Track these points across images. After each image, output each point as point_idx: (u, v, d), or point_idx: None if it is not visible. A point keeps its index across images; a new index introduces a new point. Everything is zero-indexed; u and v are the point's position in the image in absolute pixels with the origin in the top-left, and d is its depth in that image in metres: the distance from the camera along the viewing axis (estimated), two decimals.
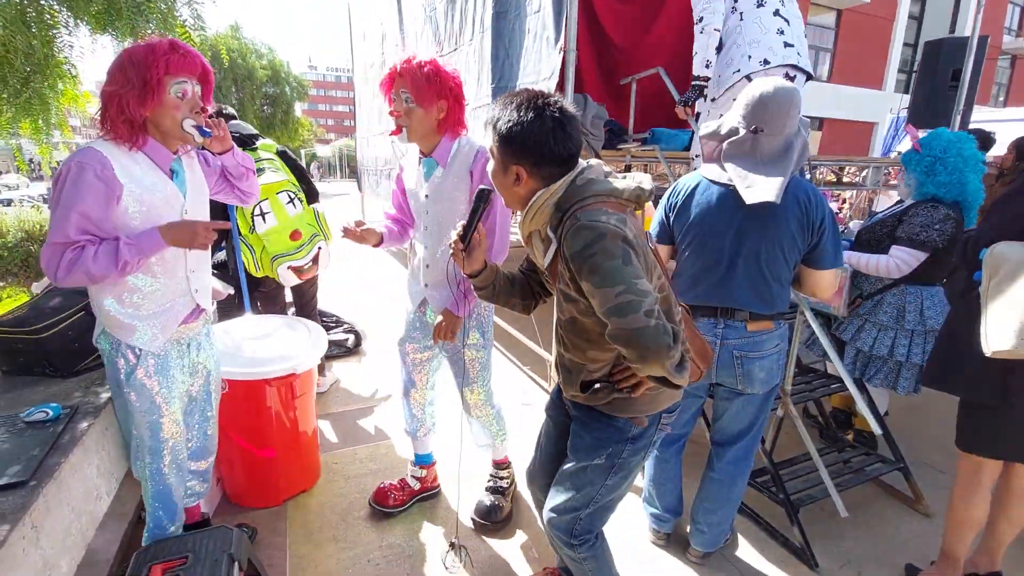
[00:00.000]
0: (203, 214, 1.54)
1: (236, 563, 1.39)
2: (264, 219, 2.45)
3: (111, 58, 1.35)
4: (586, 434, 1.34)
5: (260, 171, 2.52)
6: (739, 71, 2.51)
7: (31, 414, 1.39)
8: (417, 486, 2.20)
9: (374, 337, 4.06)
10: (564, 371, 1.34)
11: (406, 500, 2.16)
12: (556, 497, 1.40)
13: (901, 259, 2.20)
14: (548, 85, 2.71)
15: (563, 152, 1.13)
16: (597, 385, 1.23)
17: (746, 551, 2.00)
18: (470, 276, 1.35)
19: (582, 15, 3.05)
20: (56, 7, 2.34)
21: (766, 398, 1.73)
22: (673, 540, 2.03)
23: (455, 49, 3.84)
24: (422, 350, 2.00)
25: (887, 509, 2.26)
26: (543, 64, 2.80)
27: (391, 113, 1.71)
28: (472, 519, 2.09)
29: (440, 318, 1.80)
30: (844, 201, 9.60)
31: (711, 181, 1.62)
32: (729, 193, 1.58)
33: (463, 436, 2.07)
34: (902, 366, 2.32)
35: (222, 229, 1.64)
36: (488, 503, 2.09)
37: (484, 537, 2.04)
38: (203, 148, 1.51)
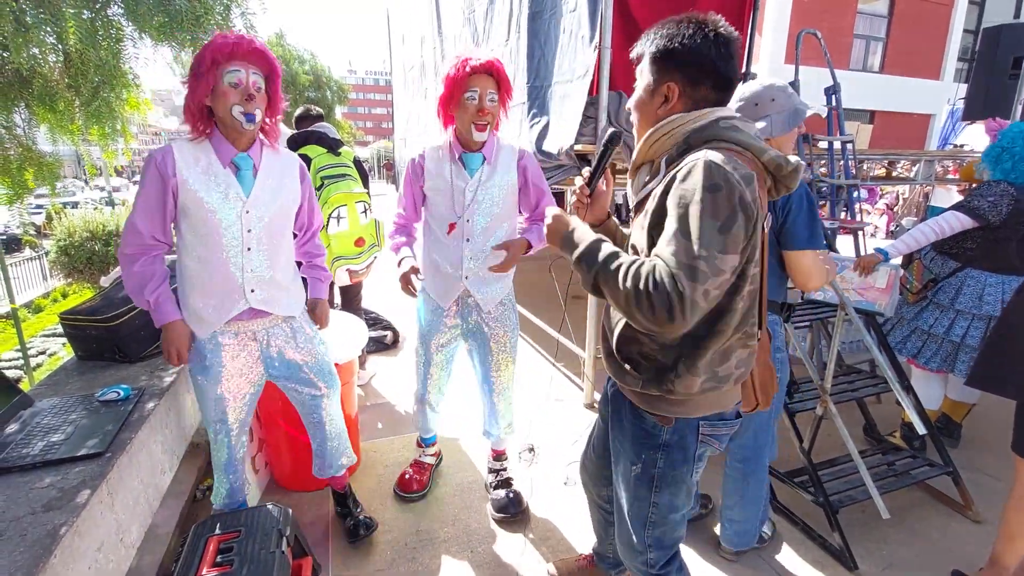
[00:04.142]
0: (275, 219, 1.54)
1: (284, 538, 1.48)
2: (339, 222, 2.63)
3: (167, 67, 1.47)
4: (620, 434, 1.28)
5: (343, 177, 2.69)
6: None
7: (104, 394, 1.52)
8: (433, 461, 2.37)
9: (410, 336, 4.18)
10: (604, 337, 1.27)
11: (427, 481, 2.30)
12: (619, 526, 1.35)
13: (945, 219, 2.26)
14: (583, 83, 2.73)
15: (724, 70, 1.05)
16: (627, 366, 1.17)
17: (782, 551, 1.98)
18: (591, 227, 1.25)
19: (617, 12, 3.05)
20: (123, 21, 2.51)
21: None
22: (708, 537, 2.02)
23: (491, 51, 3.90)
24: (446, 345, 2.05)
25: (933, 514, 2.19)
26: (578, 62, 2.82)
27: (481, 112, 1.69)
28: (492, 517, 2.13)
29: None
30: (897, 197, 9.16)
31: None
32: None
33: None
34: (959, 348, 2.34)
35: None
36: (504, 498, 2.14)
37: (501, 529, 2.09)
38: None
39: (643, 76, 1.12)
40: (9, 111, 2.44)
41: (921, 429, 2.00)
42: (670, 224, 0.96)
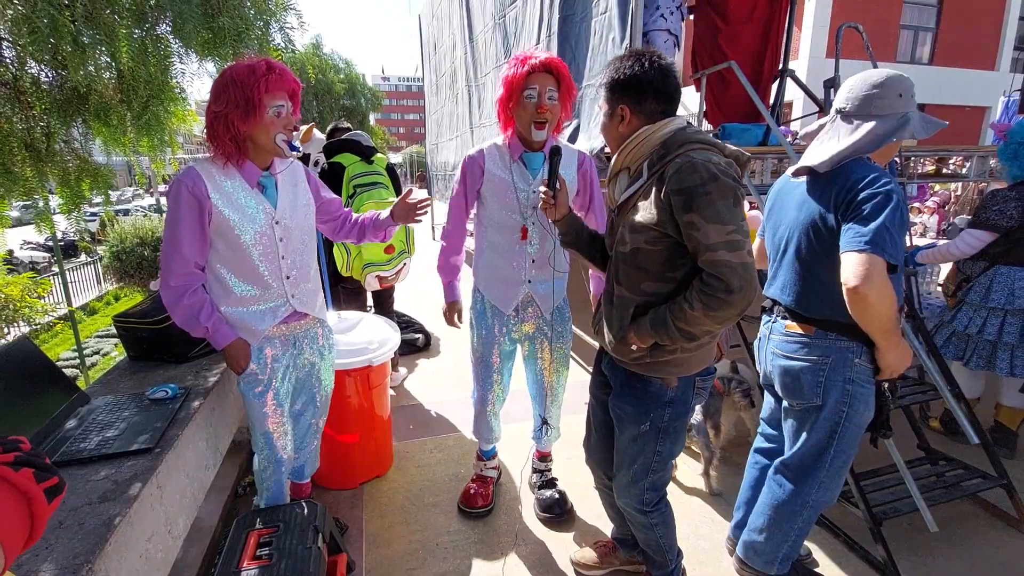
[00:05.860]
0: (299, 226, 1.63)
1: (320, 534, 1.53)
2: None
3: (212, 80, 1.50)
4: (625, 402, 1.44)
5: (375, 185, 2.75)
6: None
7: (154, 392, 1.60)
8: (494, 475, 2.30)
9: (441, 339, 4.26)
10: (608, 308, 1.41)
11: (491, 494, 2.23)
12: (619, 474, 1.54)
13: (963, 240, 2.35)
14: None
15: (662, 87, 1.26)
16: (632, 336, 1.32)
17: (822, 563, 1.91)
18: (556, 223, 1.56)
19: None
20: (170, 39, 2.64)
21: (803, 416, 1.55)
22: None
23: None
24: (506, 351, 2.01)
25: (984, 527, 2.08)
26: None
27: (541, 109, 1.65)
28: (538, 515, 2.15)
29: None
30: (950, 195, 8.72)
31: (792, 176, 1.61)
32: (792, 183, 1.59)
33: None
34: (996, 346, 2.36)
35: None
36: (549, 498, 2.14)
37: (531, 529, 2.09)
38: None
39: (603, 105, 1.37)
40: (68, 126, 2.59)
41: (973, 439, 1.90)
42: (699, 219, 1.14)
